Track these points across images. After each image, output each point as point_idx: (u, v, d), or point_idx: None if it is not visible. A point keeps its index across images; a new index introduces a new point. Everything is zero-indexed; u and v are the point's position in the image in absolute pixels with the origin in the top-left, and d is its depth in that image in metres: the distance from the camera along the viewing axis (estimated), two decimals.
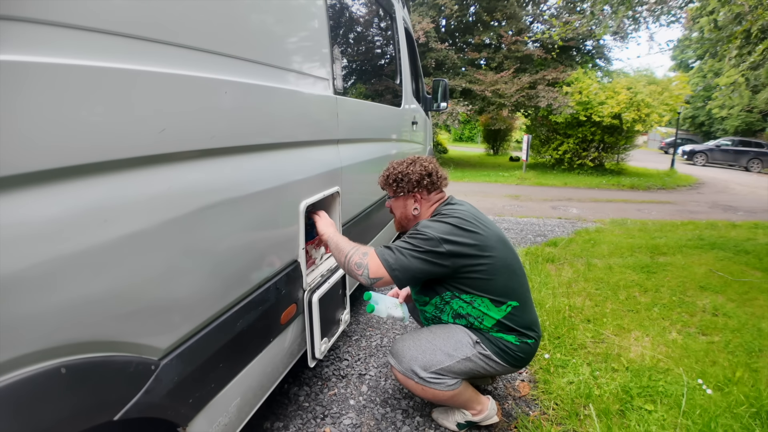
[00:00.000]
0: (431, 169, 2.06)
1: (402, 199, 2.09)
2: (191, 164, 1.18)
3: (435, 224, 1.86)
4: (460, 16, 15.96)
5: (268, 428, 2.09)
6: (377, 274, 1.80)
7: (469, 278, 1.86)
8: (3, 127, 0.72)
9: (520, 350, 1.93)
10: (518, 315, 1.91)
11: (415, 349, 1.93)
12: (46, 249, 0.79)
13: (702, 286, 4.03)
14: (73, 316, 0.85)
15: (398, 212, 2.14)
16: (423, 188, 2.04)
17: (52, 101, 0.80)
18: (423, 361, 1.89)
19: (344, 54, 2.57)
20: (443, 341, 1.92)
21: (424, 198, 2.06)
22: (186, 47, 1.14)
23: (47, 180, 0.81)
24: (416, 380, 1.89)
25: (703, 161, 21.81)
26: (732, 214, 8.59)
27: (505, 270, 1.90)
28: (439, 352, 1.89)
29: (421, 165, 2.06)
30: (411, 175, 2.02)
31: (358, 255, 1.84)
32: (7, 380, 0.74)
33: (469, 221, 1.88)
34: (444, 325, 2.00)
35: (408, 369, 1.91)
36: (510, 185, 12.06)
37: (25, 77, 0.76)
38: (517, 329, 1.91)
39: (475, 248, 1.83)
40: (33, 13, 0.77)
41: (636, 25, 7.85)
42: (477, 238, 1.84)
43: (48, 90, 0.79)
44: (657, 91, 12.87)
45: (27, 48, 0.76)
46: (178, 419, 1.17)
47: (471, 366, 1.91)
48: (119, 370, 0.96)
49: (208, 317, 1.26)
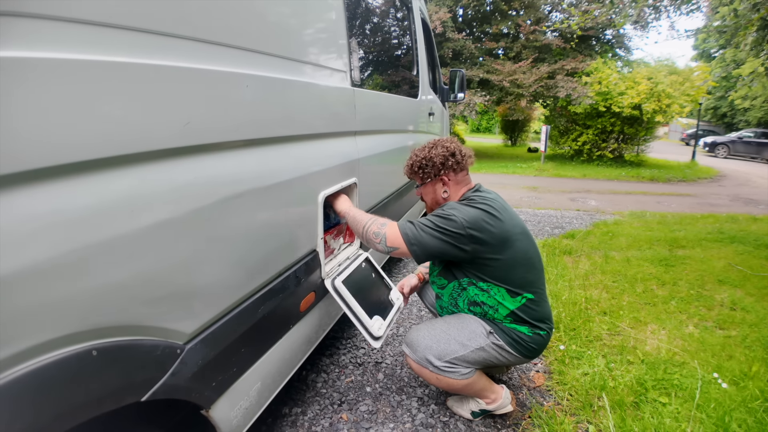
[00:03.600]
0: (453, 148, 2.04)
1: (430, 184, 2.08)
2: (215, 156, 1.21)
3: (462, 207, 1.86)
4: (477, 5, 15.79)
5: (287, 413, 2.14)
6: (394, 243, 1.84)
7: (489, 266, 1.88)
8: (47, 123, 0.77)
9: (533, 341, 1.94)
10: (532, 307, 1.93)
11: (430, 338, 1.95)
12: (80, 237, 0.83)
13: (720, 279, 3.99)
14: (103, 301, 0.89)
15: (429, 198, 2.12)
16: (449, 169, 2.02)
17: (88, 97, 0.84)
18: (437, 351, 1.92)
19: (361, 45, 2.58)
20: (457, 331, 1.95)
21: (452, 180, 2.04)
22: (209, 42, 1.17)
23: (81, 171, 0.84)
24: (431, 369, 1.92)
25: (725, 153, 21.39)
26: (753, 207, 8.44)
27: (525, 262, 1.92)
28: (453, 342, 1.92)
29: (442, 146, 2.04)
30: (434, 159, 2.01)
31: (376, 225, 1.89)
32: (43, 361, 0.78)
33: (497, 210, 1.88)
34: (458, 314, 2.03)
35: (422, 358, 1.93)
36: (528, 177, 11.97)
37: (69, 75, 0.80)
38: (531, 321, 1.93)
39: (498, 238, 1.84)
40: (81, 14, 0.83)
41: (656, 14, 7.71)
42: (501, 228, 1.85)
43: (85, 87, 0.83)
44: (678, 81, 12.63)
45: (75, 47, 0.82)
46: (201, 401, 1.22)
47: (484, 356, 1.93)
48: (147, 354, 1.00)
49: (230, 304, 1.30)
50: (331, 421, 2.10)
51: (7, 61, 0.70)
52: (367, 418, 2.12)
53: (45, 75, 0.77)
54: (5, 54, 0.71)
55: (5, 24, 0.71)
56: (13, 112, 0.72)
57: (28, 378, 0.75)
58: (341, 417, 2.13)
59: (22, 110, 0.73)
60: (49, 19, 0.77)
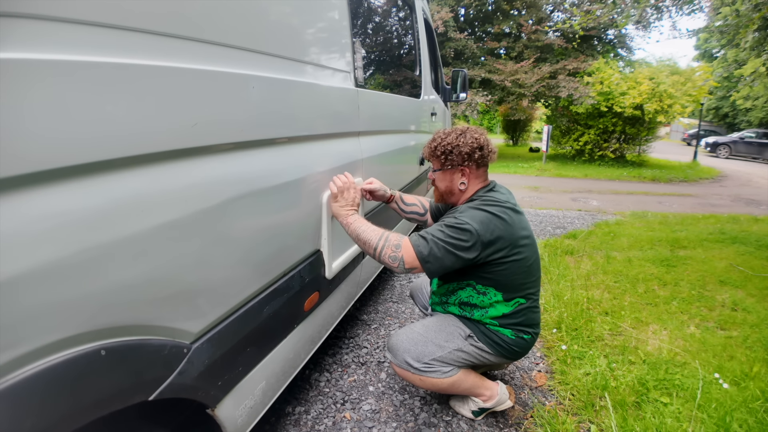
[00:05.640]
0: (483, 141, 1.93)
1: (449, 172, 1.96)
2: (221, 157, 1.22)
3: (476, 213, 1.80)
4: (479, 5, 15.79)
5: (290, 412, 2.15)
6: (412, 264, 1.76)
7: (494, 271, 1.85)
8: (62, 127, 0.78)
9: (515, 344, 1.95)
10: (522, 312, 1.94)
11: (408, 341, 1.96)
12: (91, 238, 0.84)
13: (722, 280, 4.00)
14: (113, 301, 0.90)
15: (443, 185, 2.00)
16: (473, 162, 1.92)
17: (101, 100, 0.85)
18: (415, 353, 1.92)
19: (364, 46, 2.59)
20: (435, 333, 1.96)
21: (472, 173, 1.95)
22: (218, 44, 1.18)
23: (93, 172, 0.86)
24: (412, 371, 1.93)
25: (726, 153, 21.38)
26: (755, 208, 8.44)
27: (526, 269, 1.90)
28: (430, 344, 1.93)
29: (471, 136, 1.92)
30: (462, 147, 1.89)
31: (390, 248, 1.77)
32: (54, 360, 0.79)
33: (508, 213, 1.83)
34: (439, 316, 2.05)
35: (402, 361, 1.94)
36: (529, 176, 11.97)
37: (82, 78, 0.82)
38: (517, 325, 1.94)
39: (508, 242, 1.80)
40: (95, 17, 0.84)
41: (658, 14, 7.71)
42: (510, 233, 1.81)
43: (98, 89, 0.85)
44: (680, 81, 12.61)
45: (88, 50, 0.83)
46: (207, 400, 1.23)
47: (463, 356, 1.94)
48: (154, 353, 1.01)
49: (236, 303, 1.31)
50: (334, 420, 2.11)
51: (27, 63, 0.72)
52: (370, 417, 2.14)
53: (61, 77, 0.78)
54: (32, 56, 0.73)
55: (38, 28, 0.74)
56: (35, 115, 0.74)
57: (40, 377, 0.76)
58: (344, 416, 2.14)
59: (41, 112, 0.75)
60: (68, 22, 0.79)
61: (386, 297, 3.55)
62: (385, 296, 3.56)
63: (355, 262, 2.31)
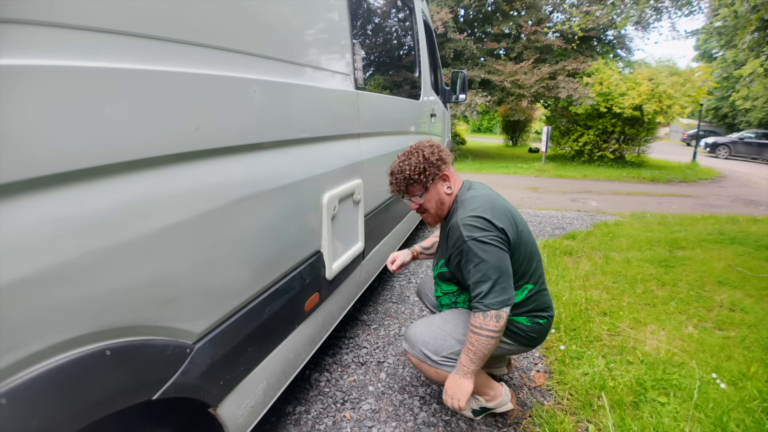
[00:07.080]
0: (433, 143, 1.98)
1: (433, 187, 1.95)
2: (223, 159, 1.24)
3: (479, 232, 1.77)
4: (478, 5, 15.79)
5: (290, 412, 2.17)
6: (500, 311, 1.72)
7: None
8: (64, 130, 0.80)
9: (531, 330, 1.97)
10: (533, 298, 1.95)
11: (426, 334, 1.98)
12: (96, 240, 0.86)
13: (720, 281, 4.01)
14: (118, 302, 0.92)
15: (433, 204, 1.98)
16: (445, 163, 1.95)
17: (107, 105, 0.87)
18: (434, 346, 1.94)
19: (364, 48, 2.61)
20: (453, 327, 1.97)
21: (450, 173, 1.97)
22: (220, 48, 1.20)
23: (98, 176, 0.87)
24: (429, 363, 1.95)
25: (726, 154, 21.39)
26: (754, 208, 8.45)
27: (528, 254, 1.92)
28: (449, 338, 1.94)
29: (424, 146, 1.96)
30: (429, 157, 1.92)
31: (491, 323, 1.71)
32: (60, 360, 0.80)
33: (500, 211, 1.84)
34: (456, 310, 2.05)
35: (420, 352, 1.96)
36: (529, 177, 11.98)
37: (87, 83, 0.83)
38: (530, 311, 1.95)
39: (512, 230, 1.83)
40: (101, 23, 0.86)
41: (658, 15, 7.73)
42: (504, 221, 1.82)
43: (102, 95, 0.86)
44: (679, 82, 12.62)
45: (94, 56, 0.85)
46: (209, 400, 1.24)
47: None
48: (158, 353, 1.03)
49: (238, 304, 1.33)
50: (334, 420, 2.12)
51: (35, 69, 0.74)
52: (369, 417, 2.15)
53: (67, 83, 0.80)
54: (41, 62, 0.75)
55: (45, 34, 0.76)
56: (43, 119, 0.76)
57: (46, 376, 0.78)
58: (344, 415, 2.15)
59: (48, 117, 0.77)
60: (74, 28, 0.81)
61: (386, 297, 3.56)
62: (385, 297, 3.58)
63: (355, 263, 2.32)
